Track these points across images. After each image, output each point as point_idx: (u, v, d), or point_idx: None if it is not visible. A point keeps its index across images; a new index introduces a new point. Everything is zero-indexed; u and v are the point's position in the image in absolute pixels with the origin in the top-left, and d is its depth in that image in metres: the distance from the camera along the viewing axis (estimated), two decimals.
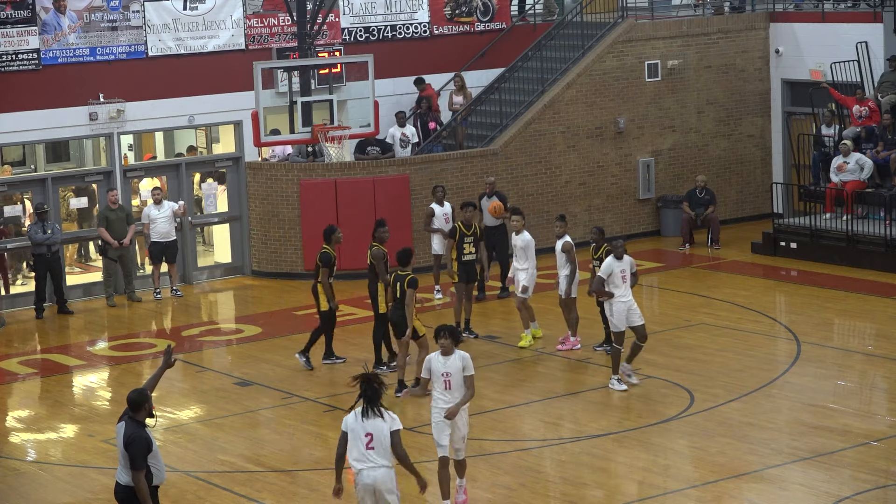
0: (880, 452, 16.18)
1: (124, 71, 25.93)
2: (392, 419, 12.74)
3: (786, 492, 15.19)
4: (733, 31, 29.70)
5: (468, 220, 21.98)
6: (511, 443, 17.04)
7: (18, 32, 24.96)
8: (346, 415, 12.88)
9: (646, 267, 26.53)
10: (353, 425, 12.74)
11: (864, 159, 26.25)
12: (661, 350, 20.52)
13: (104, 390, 20.67)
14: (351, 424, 12.75)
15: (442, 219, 23.84)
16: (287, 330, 23.08)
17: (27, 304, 25.00)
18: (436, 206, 24.03)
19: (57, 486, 16.30)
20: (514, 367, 20.24)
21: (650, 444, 16.67)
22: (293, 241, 26.39)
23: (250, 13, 27.05)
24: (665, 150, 29.18)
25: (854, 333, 22.37)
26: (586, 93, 28.19)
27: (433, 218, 23.95)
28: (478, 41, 29.56)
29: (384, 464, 12.69)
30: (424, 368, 14.63)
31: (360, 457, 12.70)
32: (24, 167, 27.84)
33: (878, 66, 27.81)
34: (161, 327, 24.03)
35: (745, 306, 23.24)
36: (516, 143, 27.50)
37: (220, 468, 16.61)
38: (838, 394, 18.76)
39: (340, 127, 25.96)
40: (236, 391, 19.81)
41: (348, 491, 13.56)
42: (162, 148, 28.64)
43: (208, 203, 27.36)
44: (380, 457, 12.67)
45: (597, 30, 28.70)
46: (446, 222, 23.68)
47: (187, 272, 26.70)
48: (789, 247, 26.67)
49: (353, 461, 12.75)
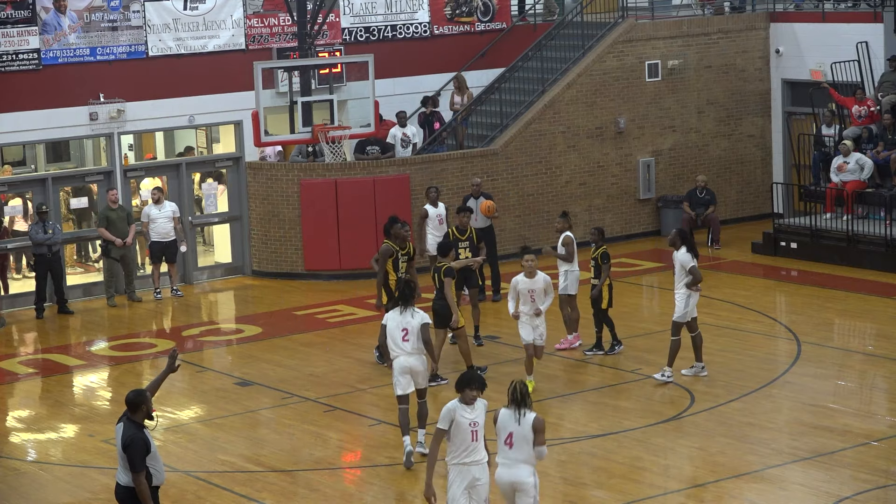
0: (880, 452, 16.18)
1: (124, 71, 25.94)
2: (422, 316, 16.01)
3: (786, 492, 15.19)
4: (733, 31, 29.70)
5: (463, 225, 21.35)
6: None
7: (18, 32, 24.96)
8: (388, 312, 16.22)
9: (646, 267, 26.56)
10: (392, 321, 16.03)
11: (864, 159, 26.25)
12: (662, 350, 20.50)
13: (104, 390, 20.67)
14: (391, 319, 16.04)
15: (436, 220, 23.48)
16: (287, 330, 23.09)
17: (27, 304, 25.01)
18: (429, 208, 23.62)
19: (57, 486, 16.30)
20: (515, 367, 20.22)
21: (650, 444, 16.67)
22: (293, 241, 26.38)
23: (250, 13, 27.06)
24: (665, 150, 29.18)
25: (854, 333, 22.38)
26: (586, 93, 28.19)
27: (427, 219, 23.62)
28: (478, 41, 29.57)
29: (416, 351, 15.95)
30: (443, 419, 12.84)
31: (395, 347, 15.99)
32: (24, 167, 27.86)
33: (879, 66, 27.81)
34: (161, 327, 24.04)
35: (745, 306, 23.24)
36: (516, 143, 27.50)
37: (220, 468, 16.61)
38: (838, 394, 18.76)
39: (340, 127, 25.96)
40: (236, 391, 19.81)
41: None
42: (162, 148, 28.65)
43: (208, 203, 27.36)
44: (412, 347, 15.93)
45: (597, 30, 28.70)
46: (440, 223, 23.38)
47: (187, 272, 26.70)
48: (789, 247, 26.67)
49: (392, 349, 15.97)
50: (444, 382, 19.13)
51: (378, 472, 16.34)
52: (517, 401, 12.65)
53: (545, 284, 18.35)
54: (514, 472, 12.62)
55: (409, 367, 16.00)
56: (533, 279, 18.35)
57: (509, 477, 12.63)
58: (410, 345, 15.95)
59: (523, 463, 12.58)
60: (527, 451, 12.56)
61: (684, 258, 18.81)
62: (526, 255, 18.49)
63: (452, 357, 20.17)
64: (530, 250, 18.90)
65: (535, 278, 18.34)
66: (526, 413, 12.60)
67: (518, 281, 18.42)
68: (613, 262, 20.07)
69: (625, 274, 25.36)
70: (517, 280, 18.45)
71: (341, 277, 25.86)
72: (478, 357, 20.15)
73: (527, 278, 18.37)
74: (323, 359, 21.15)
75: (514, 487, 12.64)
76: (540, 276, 18.37)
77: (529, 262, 18.38)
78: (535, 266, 18.39)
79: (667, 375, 19.04)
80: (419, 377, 16.13)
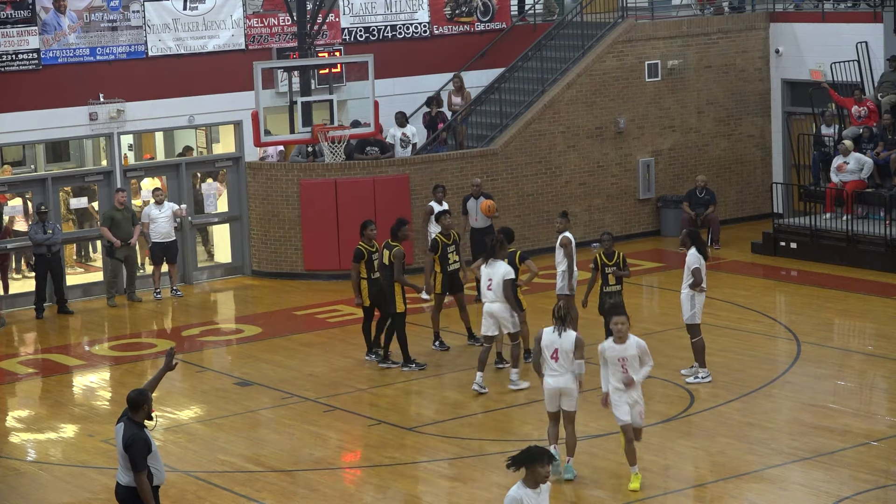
0: (880, 452, 16.18)
1: (124, 71, 25.94)
2: (507, 270, 18.69)
3: (786, 492, 15.19)
4: (733, 31, 29.71)
5: (447, 229, 21.19)
6: (511, 443, 17.02)
7: (18, 32, 24.96)
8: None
9: (646, 267, 26.55)
10: (482, 271, 18.92)
11: (864, 159, 26.26)
12: (662, 350, 20.50)
13: (104, 390, 20.67)
14: (483, 269, 18.91)
15: None
16: (287, 330, 23.09)
17: (27, 304, 25.01)
18: (434, 205, 23.89)
19: (57, 486, 16.30)
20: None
21: (650, 444, 16.65)
22: (293, 241, 26.39)
23: (250, 13, 27.06)
24: (665, 150, 29.18)
25: (854, 333, 22.37)
26: (586, 93, 28.19)
27: (431, 216, 23.81)
28: (478, 41, 29.57)
29: (496, 300, 18.72)
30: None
31: (481, 295, 19.11)
32: (24, 167, 27.86)
33: (878, 66, 27.82)
34: (161, 327, 24.04)
35: (745, 306, 23.23)
36: (516, 143, 27.50)
37: (220, 468, 16.61)
38: (838, 394, 18.76)
39: (340, 127, 25.96)
40: (236, 391, 19.81)
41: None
42: (162, 148, 28.65)
43: (208, 203, 27.36)
44: (495, 295, 18.72)
45: (597, 30, 28.71)
46: None
47: (187, 272, 26.70)
48: (789, 247, 26.67)
49: (483, 297, 19.01)
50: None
51: (378, 472, 16.34)
52: (560, 318, 15.26)
53: (639, 350, 15.15)
54: (560, 380, 15.32)
55: (492, 312, 18.79)
56: (623, 344, 15.13)
57: (556, 384, 15.35)
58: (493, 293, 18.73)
59: (568, 373, 15.27)
60: (569, 363, 15.25)
61: (689, 259, 18.84)
62: (615, 316, 15.23)
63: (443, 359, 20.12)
64: (621, 310, 15.59)
65: (625, 343, 15.13)
66: (567, 329, 15.26)
67: (605, 348, 15.21)
68: (612, 263, 20.00)
69: None
70: (604, 347, 15.22)
71: (341, 277, 25.82)
72: (472, 357, 20.13)
73: (616, 344, 15.18)
74: (323, 359, 21.15)
75: (561, 392, 15.35)
76: (632, 341, 15.13)
77: (620, 326, 15.12)
78: (625, 329, 15.12)
79: (701, 376, 19.02)
80: (501, 320, 18.84)
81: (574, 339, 15.21)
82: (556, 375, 15.31)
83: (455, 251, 21.12)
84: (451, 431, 17.56)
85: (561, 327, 15.22)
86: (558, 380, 15.30)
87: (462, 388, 19.39)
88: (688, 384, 18.98)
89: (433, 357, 20.92)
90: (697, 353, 19.03)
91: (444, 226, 21.17)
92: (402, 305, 20.01)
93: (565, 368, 15.26)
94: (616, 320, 15.11)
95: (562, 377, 15.29)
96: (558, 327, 15.23)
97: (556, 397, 15.39)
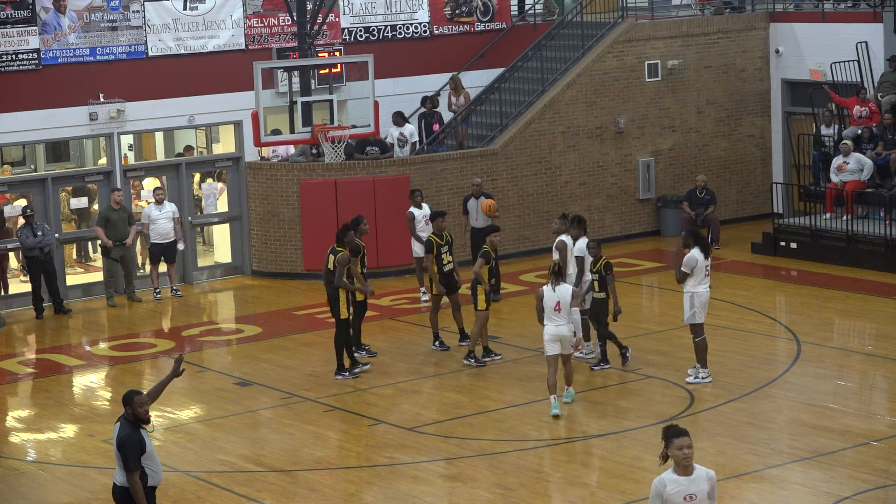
0: (880, 452, 16.18)
1: (124, 71, 25.94)
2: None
3: (786, 492, 15.19)
4: (733, 31, 29.71)
5: (440, 230, 21.14)
6: (511, 443, 17.04)
7: (18, 32, 24.96)
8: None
9: (646, 267, 26.56)
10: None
11: (864, 159, 26.26)
12: (662, 350, 20.51)
13: (104, 390, 20.67)
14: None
15: (422, 221, 23.70)
16: (287, 330, 23.09)
17: (27, 305, 25.00)
18: (415, 210, 23.91)
19: (57, 486, 16.30)
20: (514, 366, 20.23)
21: (650, 444, 16.65)
22: (293, 241, 26.39)
23: (250, 13, 27.06)
24: (665, 150, 29.18)
25: (854, 333, 22.37)
26: (586, 93, 28.19)
27: (414, 222, 23.84)
28: (478, 41, 29.57)
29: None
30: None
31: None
32: (24, 167, 27.85)
33: (878, 66, 27.82)
34: (161, 327, 24.03)
35: (745, 306, 23.23)
36: (516, 143, 27.50)
37: (220, 468, 16.61)
38: (838, 394, 18.76)
39: (341, 127, 25.96)
40: (236, 391, 19.81)
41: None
42: (162, 148, 28.65)
43: (208, 203, 27.36)
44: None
45: (597, 30, 28.71)
46: (426, 224, 23.50)
47: (187, 272, 26.70)
48: (789, 247, 26.67)
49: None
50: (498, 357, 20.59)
51: (378, 472, 16.34)
52: (556, 273, 17.83)
53: (709, 485, 10.41)
54: (562, 329, 17.79)
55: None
56: (689, 477, 10.40)
57: (559, 331, 17.78)
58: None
59: (568, 322, 17.84)
60: (569, 314, 17.82)
61: (688, 259, 18.83)
62: (678, 437, 10.40)
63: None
64: (682, 431, 10.46)
65: (691, 476, 10.39)
66: (561, 283, 17.84)
67: (666, 481, 10.48)
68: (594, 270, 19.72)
69: (625, 274, 25.34)
70: (664, 481, 10.50)
71: None
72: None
73: (679, 476, 10.43)
74: (323, 359, 21.14)
75: (561, 339, 17.79)
76: (701, 473, 10.43)
77: (685, 452, 10.36)
78: (691, 455, 10.37)
79: (701, 377, 19.00)
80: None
81: (571, 291, 17.88)
82: (559, 324, 17.79)
83: (448, 252, 21.12)
84: (451, 431, 17.56)
85: (555, 283, 17.79)
86: (561, 328, 17.80)
87: (462, 388, 19.40)
88: (688, 384, 18.97)
89: (433, 357, 20.93)
90: (699, 353, 19.02)
91: (438, 227, 21.20)
92: (345, 312, 19.89)
93: (566, 319, 17.81)
94: (680, 443, 10.32)
95: (564, 326, 17.82)
96: (553, 283, 17.79)
97: (557, 342, 17.80)
